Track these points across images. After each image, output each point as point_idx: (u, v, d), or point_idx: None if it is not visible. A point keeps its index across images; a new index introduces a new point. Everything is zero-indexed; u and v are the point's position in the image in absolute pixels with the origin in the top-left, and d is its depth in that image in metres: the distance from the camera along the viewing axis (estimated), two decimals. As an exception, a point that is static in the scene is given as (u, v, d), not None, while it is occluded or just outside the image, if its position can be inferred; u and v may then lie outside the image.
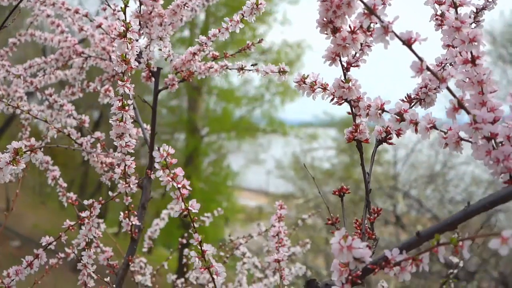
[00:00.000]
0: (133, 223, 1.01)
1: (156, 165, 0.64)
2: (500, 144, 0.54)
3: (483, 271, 5.95)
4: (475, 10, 0.76)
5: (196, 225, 0.68)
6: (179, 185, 0.65)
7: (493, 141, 0.56)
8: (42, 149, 0.72)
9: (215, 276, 0.68)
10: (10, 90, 1.35)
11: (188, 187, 0.65)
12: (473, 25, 0.76)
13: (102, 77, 1.23)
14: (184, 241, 1.61)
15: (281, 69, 0.88)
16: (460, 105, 0.54)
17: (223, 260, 1.35)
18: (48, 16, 1.23)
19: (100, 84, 1.24)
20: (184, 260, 1.51)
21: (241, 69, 0.98)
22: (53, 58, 1.24)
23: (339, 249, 0.52)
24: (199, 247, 0.68)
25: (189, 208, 0.66)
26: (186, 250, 1.28)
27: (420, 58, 0.53)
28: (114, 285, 0.99)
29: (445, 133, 0.58)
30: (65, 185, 1.15)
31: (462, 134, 0.58)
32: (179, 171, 0.65)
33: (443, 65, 0.74)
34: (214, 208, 1.62)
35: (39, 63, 1.24)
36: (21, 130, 1.36)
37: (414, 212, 6.74)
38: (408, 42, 0.53)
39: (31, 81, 1.23)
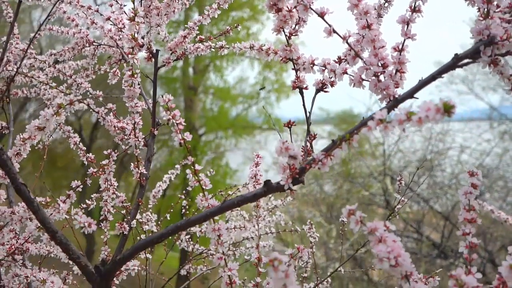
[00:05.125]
0: (141, 171, 1.29)
1: (161, 108, 0.92)
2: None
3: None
4: None
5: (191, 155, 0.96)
6: (177, 122, 0.93)
7: (383, 77, 0.84)
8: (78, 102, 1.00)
9: (204, 186, 0.96)
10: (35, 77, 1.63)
11: (183, 123, 0.93)
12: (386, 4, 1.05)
13: (110, 61, 1.51)
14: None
15: (251, 45, 1.16)
16: (356, 55, 0.82)
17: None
18: (64, 12, 1.51)
19: (109, 66, 1.52)
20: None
21: (221, 47, 1.27)
22: (70, 47, 1.52)
23: (280, 150, 0.80)
24: (193, 167, 0.96)
25: (185, 137, 0.94)
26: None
27: (329, 25, 0.82)
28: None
29: (353, 76, 0.87)
30: (84, 148, 1.43)
31: (364, 76, 0.86)
32: (177, 112, 0.93)
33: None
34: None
35: (59, 51, 1.52)
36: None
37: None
38: (321, 15, 0.82)
39: (56, 67, 1.51)
